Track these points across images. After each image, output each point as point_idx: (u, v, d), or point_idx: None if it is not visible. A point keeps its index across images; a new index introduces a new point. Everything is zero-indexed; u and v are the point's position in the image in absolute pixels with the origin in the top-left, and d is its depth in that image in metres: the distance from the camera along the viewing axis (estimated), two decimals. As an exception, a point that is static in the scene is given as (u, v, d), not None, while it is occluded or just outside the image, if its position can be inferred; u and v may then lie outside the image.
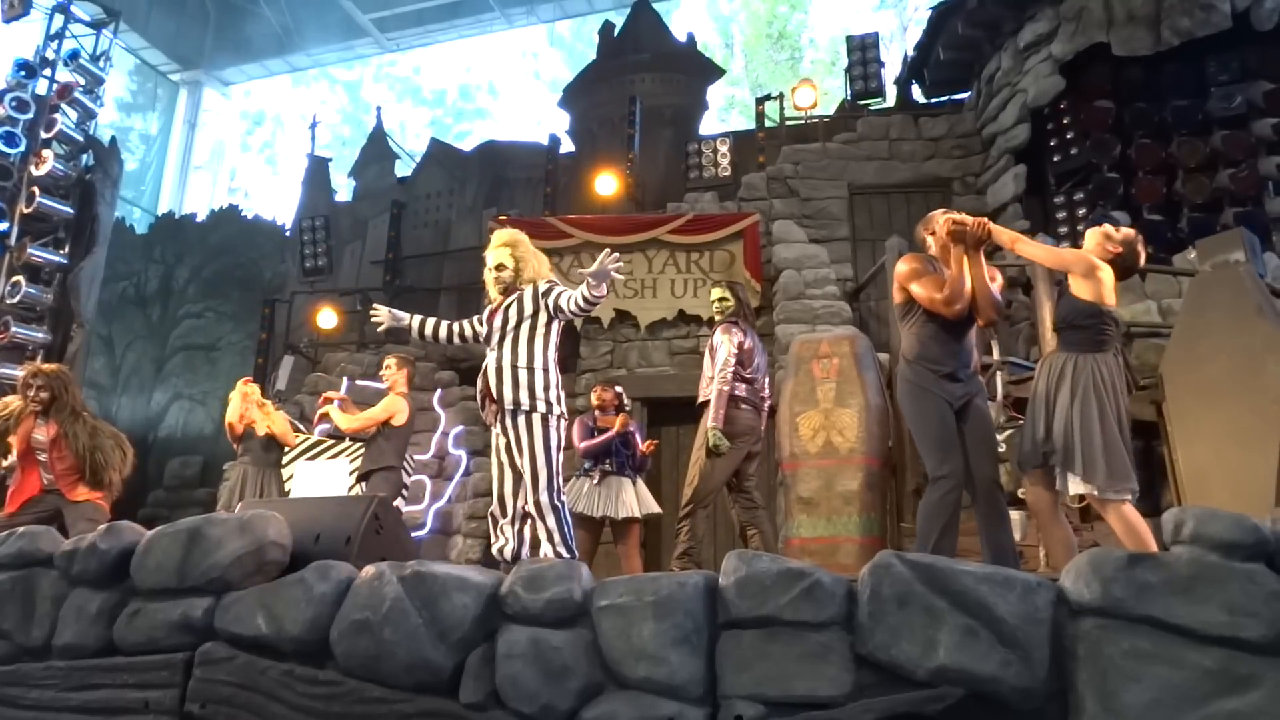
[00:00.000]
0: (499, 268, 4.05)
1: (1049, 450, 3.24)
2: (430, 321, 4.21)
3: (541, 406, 3.82)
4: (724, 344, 5.05)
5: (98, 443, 4.71)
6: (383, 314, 4.21)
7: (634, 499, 5.53)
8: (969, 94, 10.51)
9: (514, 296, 4.00)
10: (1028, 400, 3.53)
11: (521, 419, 3.79)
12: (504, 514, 3.92)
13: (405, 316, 4.19)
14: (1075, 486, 3.15)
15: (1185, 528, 2.01)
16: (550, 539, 3.73)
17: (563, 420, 3.93)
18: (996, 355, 6.30)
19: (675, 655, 2.21)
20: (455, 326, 4.20)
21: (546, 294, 3.95)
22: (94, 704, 2.81)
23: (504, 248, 4.10)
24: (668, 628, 2.24)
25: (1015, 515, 4.31)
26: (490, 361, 3.93)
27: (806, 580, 2.19)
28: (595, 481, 5.51)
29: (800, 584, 2.19)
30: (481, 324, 4.13)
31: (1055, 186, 9.09)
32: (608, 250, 3.75)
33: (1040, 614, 2.01)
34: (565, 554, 3.68)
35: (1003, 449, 5.23)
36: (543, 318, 3.94)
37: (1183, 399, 5.06)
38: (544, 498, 3.74)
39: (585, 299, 3.78)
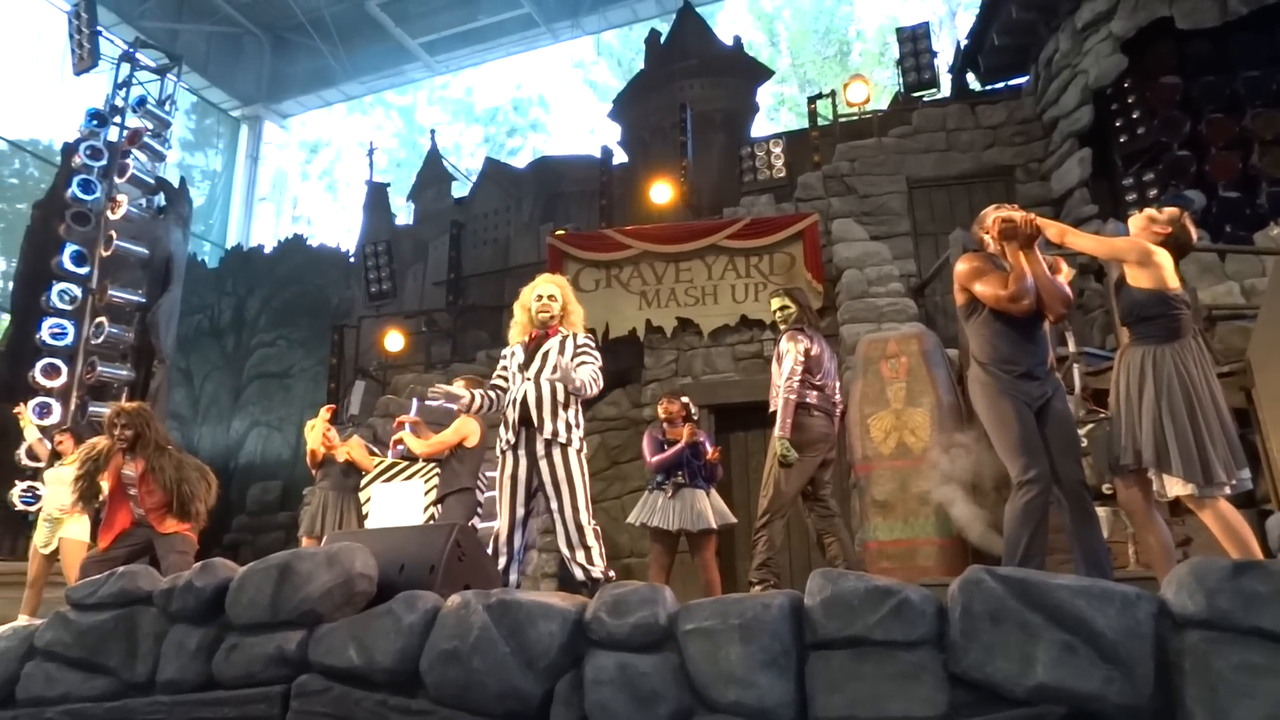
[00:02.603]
0: (550, 298, 4.28)
1: (1141, 453, 3.13)
2: (480, 394, 4.34)
3: (577, 442, 4.11)
4: (790, 351, 4.98)
5: (183, 475, 4.86)
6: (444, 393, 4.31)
7: (709, 510, 5.48)
8: (1027, 78, 10.28)
9: (556, 338, 4.22)
10: (1109, 399, 3.41)
11: (558, 451, 4.04)
12: (508, 548, 4.07)
13: (462, 395, 4.27)
14: (1174, 488, 3.03)
15: (1293, 533, 1.93)
16: (591, 560, 3.97)
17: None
18: (1072, 347, 6.11)
19: (764, 678, 2.20)
20: (494, 393, 4.33)
21: (577, 353, 4.20)
22: (198, 737, 2.89)
23: (553, 285, 4.37)
24: (755, 650, 2.22)
25: (1101, 512, 4.17)
26: (529, 392, 4.10)
27: (894, 598, 2.16)
28: (669, 495, 5.46)
29: (888, 602, 2.16)
30: (509, 359, 4.32)
31: (1123, 168, 8.84)
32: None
33: (1142, 628, 1.95)
34: (607, 574, 3.96)
35: (1084, 443, 5.08)
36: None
37: (1274, 383, 4.85)
38: (585, 522, 4.01)
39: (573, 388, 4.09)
